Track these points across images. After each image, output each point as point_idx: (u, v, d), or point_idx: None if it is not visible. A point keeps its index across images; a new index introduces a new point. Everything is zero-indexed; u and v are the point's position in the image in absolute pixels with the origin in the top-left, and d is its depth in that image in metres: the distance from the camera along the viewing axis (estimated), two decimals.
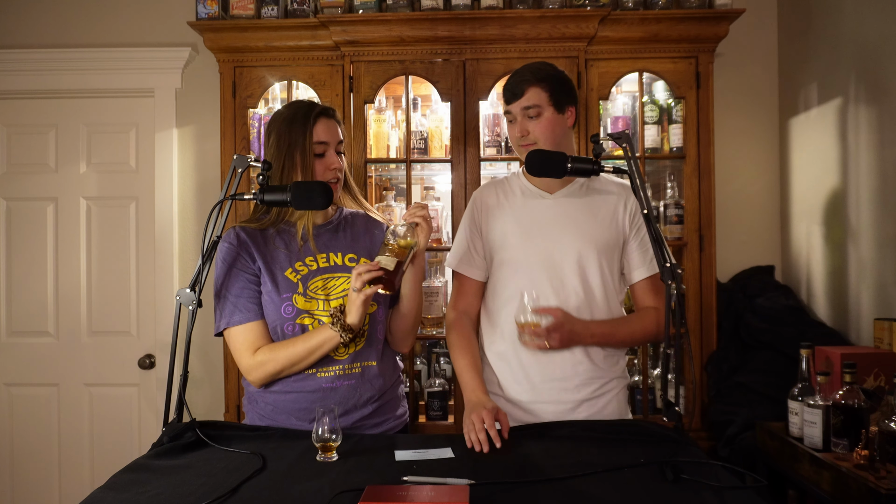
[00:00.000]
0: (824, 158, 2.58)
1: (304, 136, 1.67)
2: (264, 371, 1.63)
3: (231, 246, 1.68)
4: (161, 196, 2.90)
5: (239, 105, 2.60)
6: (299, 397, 1.66)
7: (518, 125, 1.74)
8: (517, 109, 1.73)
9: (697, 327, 2.56)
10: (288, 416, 1.67)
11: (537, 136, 1.72)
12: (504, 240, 1.80)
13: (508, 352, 1.77)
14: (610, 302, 1.78)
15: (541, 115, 1.72)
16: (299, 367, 1.64)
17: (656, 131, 2.64)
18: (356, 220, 1.83)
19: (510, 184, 1.87)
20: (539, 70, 1.74)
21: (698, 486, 1.23)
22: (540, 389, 1.74)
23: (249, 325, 1.64)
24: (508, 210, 1.81)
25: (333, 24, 2.51)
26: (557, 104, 1.73)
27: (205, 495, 1.21)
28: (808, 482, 1.89)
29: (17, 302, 2.95)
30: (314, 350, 1.61)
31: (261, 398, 1.70)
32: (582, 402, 1.74)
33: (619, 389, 1.79)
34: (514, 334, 1.71)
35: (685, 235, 2.57)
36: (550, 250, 1.75)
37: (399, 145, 2.73)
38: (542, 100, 1.71)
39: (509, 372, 1.77)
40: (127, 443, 2.91)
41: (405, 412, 1.82)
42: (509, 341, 1.76)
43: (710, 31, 2.51)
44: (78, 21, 2.94)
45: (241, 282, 1.66)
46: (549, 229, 1.77)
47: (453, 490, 1.18)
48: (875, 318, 2.19)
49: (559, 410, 1.72)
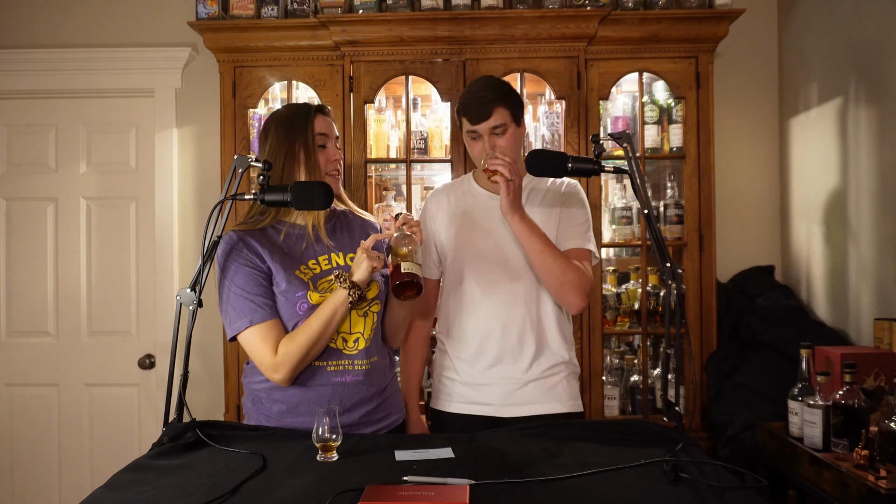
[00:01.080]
0: (824, 158, 2.58)
1: (305, 130, 1.70)
2: (290, 362, 1.61)
3: (236, 248, 1.66)
4: (161, 196, 2.90)
5: (239, 105, 2.60)
6: (310, 393, 1.66)
7: (485, 142, 1.82)
8: (484, 129, 1.81)
9: (697, 327, 2.56)
10: (296, 416, 1.66)
11: (504, 151, 1.80)
12: (452, 242, 1.91)
13: (460, 344, 1.89)
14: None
15: (506, 131, 1.82)
16: (321, 346, 1.63)
17: (656, 131, 2.64)
18: (349, 219, 1.85)
19: (461, 188, 1.98)
20: (497, 88, 1.82)
21: (698, 486, 1.23)
22: (490, 372, 1.85)
23: (270, 323, 1.62)
24: (459, 213, 1.92)
25: (333, 24, 2.51)
26: (517, 119, 1.85)
27: (205, 495, 1.21)
28: (808, 482, 1.89)
29: (17, 302, 2.95)
30: (330, 319, 1.61)
31: (267, 398, 1.69)
32: (529, 382, 1.84)
33: (568, 374, 1.89)
34: (464, 329, 1.87)
35: (685, 235, 2.57)
36: (501, 246, 1.86)
37: (399, 145, 2.73)
38: (507, 118, 1.81)
39: (465, 357, 1.88)
40: (127, 443, 2.91)
41: (402, 408, 1.85)
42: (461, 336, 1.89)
43: (710, 31, 2.51)
44: (78, 21, 2.94)
45: (253, 280, 1.64)
46: (499, 228, 1.86)
47: (453, 490, 1.18)
48: (875, 318, 2.19)
49: (507, 390, 1.84)
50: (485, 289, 1.86)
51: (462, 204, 1.94)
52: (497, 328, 1.84)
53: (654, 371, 2.69)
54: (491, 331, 1.84)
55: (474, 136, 1.84)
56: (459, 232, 1.91)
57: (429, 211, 1.99)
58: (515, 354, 1.84)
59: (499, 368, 1.85)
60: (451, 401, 1.90)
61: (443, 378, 1.94)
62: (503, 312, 1.84)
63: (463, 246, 1.90)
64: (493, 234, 1.88)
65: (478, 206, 1.92)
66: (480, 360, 1.86)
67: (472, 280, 1.87)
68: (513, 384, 1.84)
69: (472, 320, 1.87)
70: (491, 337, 1.84)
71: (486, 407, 1.85)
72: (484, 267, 1.87)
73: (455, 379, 1.90)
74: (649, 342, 2.67)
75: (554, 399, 1.85)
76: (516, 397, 1.84)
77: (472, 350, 1.87)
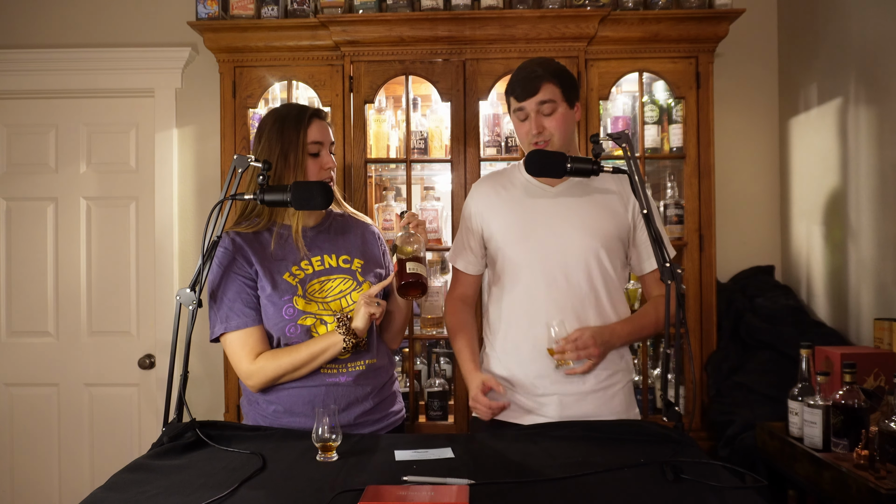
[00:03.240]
0: (824, 158, 2.58)
1: (297, 137, 1.68)
2: (264, 376, 1.64)
3: (226, 250, 1.67)
4: (161, 196, 2.90)
5: (239, 105, 2.60)
6: (304, 393, 1.66)
7: (532, 122, 1.71)
8: (532, 106, 1.70)
9: (697, 327, 2.56)
10: (291, 416, 1.67)
11: (553, 132, 1.71)
12: (505, 236, 1.78)
13: (514, 348, 1.76)
14: (613, 296, 1.77)
15: (556, 110, 1.71)
16: (300, 373, 1.65)
17: (656, 131, 2.64)
18: (345, 222, 1.85)
19: (510, 177, 1.85)
20: (548, 65, 1.72)
21: (698, 486, 1.23)
22: (546, 382, 1.72)
23: (248, 331, 1.65)
24: (508, 205, 1.80)
25: (333, 24, 2.51)
26: (569, 99, 1.73)
27: (205, 495, 1.21)
28: (808, 482, 1.89)
29: (17, 302, 2.95)
30: (318, 355, 1.62)
31: (262, 398, 1.70)
32: (588, 394, 1.72)
33: (625, 383, 1.79)
34: (517, 331, 1.73)
35: (685, 235, 2.57)
36: (554, 246, 1.74)
37: (399, 145, 2.73)
38: (557, 95, 1.70)
39: (517, 365, 1.75)
40: (127, 443, 2.91)
41: (402, 408, 1.84)
42: (515, 339, 1.75)
43: (710, 31, 2.51)
44: (78, 21, 2.94)
45: (236, 286, 1.66)
46: (553, 225, 1.75)
47: (453, 490, 1.18)
48: (875, 318, 2.19)
49: (567, 402, 1.71)
50: (545, 287, 1.72)
51: (512, 195, 1.79)
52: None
53: (654, 371, 2.69)
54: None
55: (522, 117, 1.72)
56: (512, 226, 1.77)
57: (475, 201, 1.84)
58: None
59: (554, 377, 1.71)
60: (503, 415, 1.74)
61: None
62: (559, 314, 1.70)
63: (517, 242, 1.75)
64: (547, 231, 1.74)
65: (530, 199, 1.78)
66: (532, 370, 1.73)
67: (525, 283, 1.74)
68: (570, 398, 1.71)
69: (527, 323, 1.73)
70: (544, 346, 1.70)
71: (541, 418, 1.71)
72: (538, 269, 1.73)
73: (508, 388, 1.75)
74: (649, 342, 2.67)
75: (611, 413, 1.73)
76: (573, 411, 1.71)
77: (524, 358, 1.74)
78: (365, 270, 1.77)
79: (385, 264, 1.86)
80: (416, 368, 2.71)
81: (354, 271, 1.75)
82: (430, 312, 2.62)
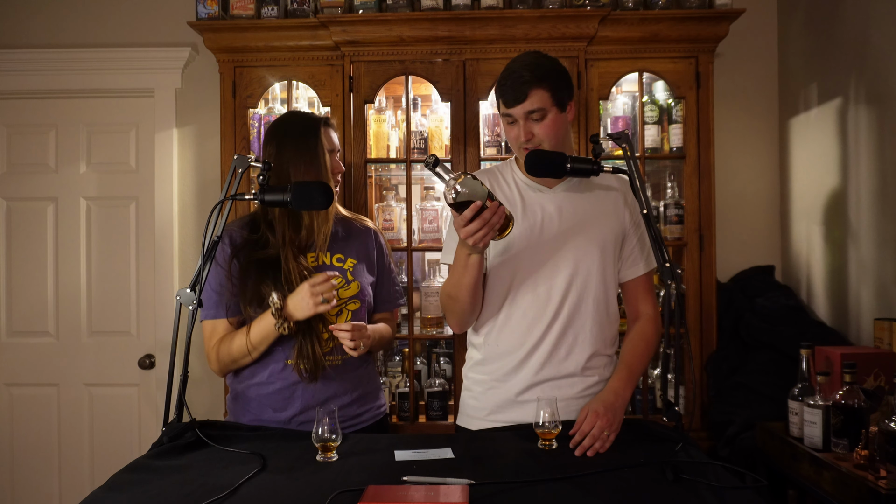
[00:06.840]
0: (824, 158, 2.58)
1: (318, 142, 1.79)
2: (220, 361, 1.76)
3: (222, 245, 1.76)
4: (161, 196, 2.90)
5: (239, 105, 2.60)
6: (278, 388, 1.75)
7: (521, 128, 1.64)
8: (520, 113, 1.63)
9: (697, 327, 2.56)
10: (270, 410, 1.75)
11: (542, 139, 1.64)
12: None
13: (505, 352, 1.72)
14: (608, 298, 1.73)
15: (545, 116, 1.63)
16: (251, 358, 1.73)
17: (656, 131, 2.64)
18: (347, 223, 1.92)
19: (504, 174, 1.78)
20: (537, 67, 1.62)
21: (698, 486, 1.23)
22: (535, 391, 1.68)
23: (218, 321, 1.77)
24: (504, 203, 1.74)
25: (333, 24, 2.50)
26: (560, 103, 1.65)
27: (205, 495, 1.21)
28: (808, 482, 1.89)
29: (17, 302, 2.95)
30: (258, 343, 1.70)
31: (242, 394, 1.79)
32: (576, 399, 1.68)
33: None
34: (509, 334, 1.71)
35: (685, 235, 2.57)
36: (551, 248, 1.70)
37: (399, 145, 2.73)
38: (546, 101, 1.62)
39: (500, 368, 1.71)
40: (127, 443, 2.91)
41: (384, 404, 1.92)
42: (507, 342, 1.72)
43: (710, 31, 2.51)
44: (78, 21, 2.93)
45: (221, 278, 1.76)
46: (549, 226, 1.71)
47: (453, 490, 1.18)
48: (875, 318, 2.19)
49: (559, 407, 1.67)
50: (537, 289, 1.69)
51: (507, 195, 1.74)
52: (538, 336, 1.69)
53: (654, 371, 2.69)
54: (538, 343, 1.69)
55: (510, 121, 1.66)
56: None
57: None
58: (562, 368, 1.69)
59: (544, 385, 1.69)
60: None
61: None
62: (548, 318, 1.68)
63: (510, 241, 1.69)
64: (543, 232, 1.70)
65: (526, 199, 1.73)
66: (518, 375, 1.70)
67: (523, 280, 1.69)
68: (562, 402, 1.64)
69: (520, 327, 1.70)
70: (540, 347, 1.69)
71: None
72: (531, 271, 1.69)
73: (497, 387, 1.73)
74: None
75: None
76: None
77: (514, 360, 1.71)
78: (356, 272, 1.85)
79: (381, 265, 1.94)
80: (416, 368, 2.70)
81: (346, 270, 1.83)
82: (430, 312, 2.62)
